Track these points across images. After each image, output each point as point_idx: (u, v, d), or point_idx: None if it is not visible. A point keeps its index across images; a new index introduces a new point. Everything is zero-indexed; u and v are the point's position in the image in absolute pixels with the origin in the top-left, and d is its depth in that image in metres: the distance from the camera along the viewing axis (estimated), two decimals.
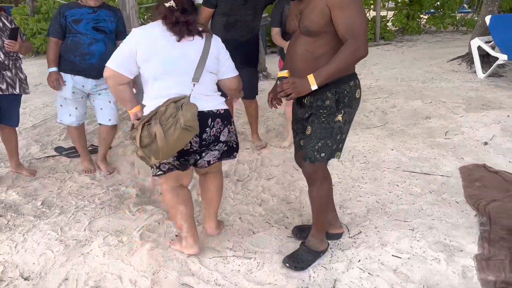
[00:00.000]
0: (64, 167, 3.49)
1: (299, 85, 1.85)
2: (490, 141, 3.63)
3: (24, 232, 2.56)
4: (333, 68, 1.82)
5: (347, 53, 1.80)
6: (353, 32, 1.80)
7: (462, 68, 6.24)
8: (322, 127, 2.00)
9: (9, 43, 2.84)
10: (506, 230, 2.40)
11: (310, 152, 2.04)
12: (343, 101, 1.99)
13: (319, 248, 2.24)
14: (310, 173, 2.10)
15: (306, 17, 1.90)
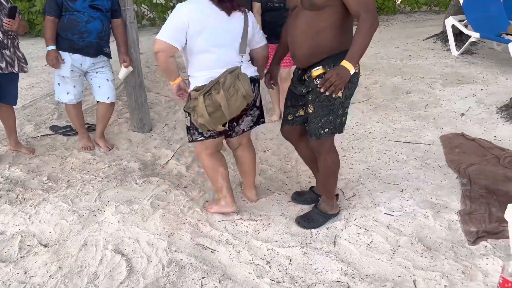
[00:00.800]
0: (62, 144, 3.55)
1: (341, 73, 1.87)
2: (466, 112, 3.91)
3: (35, 204, 2.65)
4: (360, 46, 1.88)
5: (367, 29, 1.86)
6: (365, 5, 1.88)
7: (437, 46, 6.52)
8: (324, 105, 2.10)
9: (8, 21, 2.86)
10: (484, 189, 2.67)
11: (314, 129, 2.16)
12: None
13: (329, 212, 2.42)
14: (316, 147, 2.25)
15: None
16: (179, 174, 3.01)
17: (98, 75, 3.31)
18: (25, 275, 2.07)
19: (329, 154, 2.26)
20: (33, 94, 4.88)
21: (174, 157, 3.28)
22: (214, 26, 2.14)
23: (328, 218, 2.42)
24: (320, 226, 2.38)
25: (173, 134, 3.74)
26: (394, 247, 2.20)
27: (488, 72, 5.07)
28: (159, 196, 2.72)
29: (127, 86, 3.69)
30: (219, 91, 2.09)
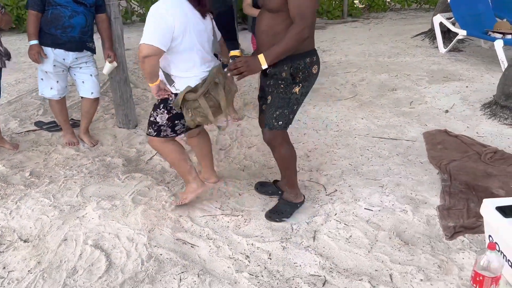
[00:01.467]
0: (46, 140, 3.54)
1: (251, 64, 2.00)
2: (450, 109, 3.95)
3: (16, 200, 2.64)
4: (281, 48, 1.97)
5: (293, 34, 1.95)
6: (301, 13, 1.94)
7: (425, 44, 6.57)
8: (280, 97, 2.18)
9: None
10: (464, 185, 2.70)
11: (269, 119, 2.22)
12: (298, 75, 2.14)
13: (294, 200, 2.48)
14: (269, 139, 2.28)
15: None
16: (163, 170, 3.02)
17: (81, 71, 3.29)
18: (4, 270, 2.07)
19: (282, 146, 2.31)
20: (19, 89, 4.85)
21: (158, 153, 3.28)
22: (196, 26, 2.17)
23: (295, 206, 2.48)
24: (289, 215, 2.43)
25: None
26: (373, 241, 2.23)
27: (474, 70, 5.12)
28: (141, 191, 2.72)
29: (112, 81, 3.67)
30: (218, 91, 2.23)
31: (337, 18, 9.32)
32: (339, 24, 8.88)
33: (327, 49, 6.58)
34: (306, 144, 3.38)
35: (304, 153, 3.23)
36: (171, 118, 2.31)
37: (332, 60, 5.90)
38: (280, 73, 2.14)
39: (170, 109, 2.29)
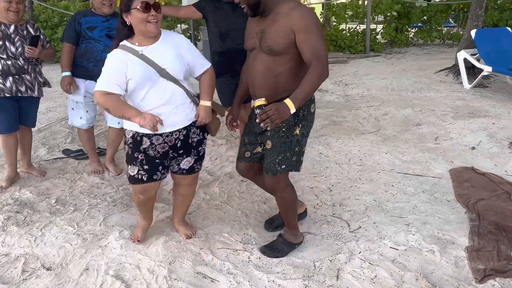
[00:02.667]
0: (73, 168, 3.62)
1: (281, 110, 1.87)
2: (477, 146, 3.87)
3: (41, 227, 2.68)
4: (306, 90, 1.91)
5: (315, 76, 1.91)
6: (317, 55, 1.91)
7: (449, 79, 6.53)
8: (282, 141, 2.13)
9: (28, 49, 2.99)
10: (494, 225, 2.61)
11: (271, 165, 2.17)
12: (299, 115, 2.13)
13: (294, 241, 2.43)
14: (272, 184, 2.24)
15: (269, 37, 2.00)
16: None
17: None
18: None
19: (285, 190, 2.28)
20: (49, 118, 5.01)
21: None
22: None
23: (293, 247, 2.42)
24: (285, 255, 2.38)
25: None
26: (399, 283, 2.15)
27: (500, 106, 5.04)
28: (163, 222, 2.73)
29: None
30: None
31: (359, 52, 9.41)
32: (362, 58, 8.96)
33: (350, 83, 6.61)
34: (329, 178, 3.35)
35: (327, 187, 3.19)
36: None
37: (354, 94, 5.92)
38: None
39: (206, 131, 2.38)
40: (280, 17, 1.99)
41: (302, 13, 1.95)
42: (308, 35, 1.93)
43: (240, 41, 3.51)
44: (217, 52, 3.57)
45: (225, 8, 3.47)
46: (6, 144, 3.16)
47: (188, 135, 2.26)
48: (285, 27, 1.96)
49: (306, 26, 1.93)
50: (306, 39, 1.94)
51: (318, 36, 1.94)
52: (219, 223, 2.71)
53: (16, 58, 3.00)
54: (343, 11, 9.84)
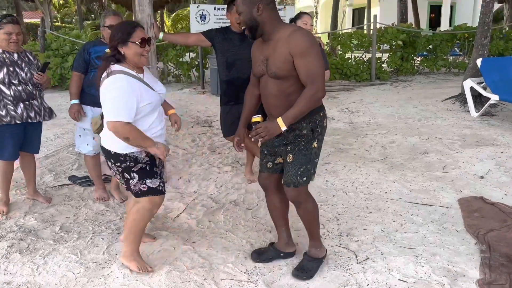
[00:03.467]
0: (78, 195, 3.61)
1: (271, 128, 2.09)
2: (486, 175, 3.82)
3: (44, 255, 2.65)
4: (298, 111, 2.08)
5: (308, 97, 2.07)
6: (311, 77, 2.06)
7: (456, 107, 6.53)
8: (302, 154, 2.24)
9: (38, 75, 3.04)
10: (505, 257, 2.54)
11: (293, 177, 2.26)
12: (315, 129, 2.25)
13: (320, 255, 2.46)
14: (294, 196, 2.32)
15: (273, 64, 2.14)
16: (189, 229, 2.99)
17: None
18: None
19: (308, 201, 2.37)
20: (57, 144, 5.05)
21: (185, 211, 3.28)
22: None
23: (320, 262, 2.46)
24: (316, 272, 2.40)
25: (187, 187, 3.76)
26: None
27: (508, 135, 5.00)
28: (167, 251, 2.69)
29: None
30: None
31: (365, 80, 9.47)
32: (367, 86, 9.01)
33: (356, 110, 6.63)
34: (335, 206, 3.31)
35: (333, 215, 3.15)
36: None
37: (360, 122, 5.92)
38: (300, 130, 2.21)
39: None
40: (280, 43, 2.12)
41: (298, 38, 2.07)
42: (304, 58, 2.06)
43: (246, 71, 3.57)
44: (224, 81, 3.64)
45: (233, 38, 3.55)
46: (6, 171, 3.17)
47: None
48: (285, 54, 2.09)
49: (302, 50, 2.06)
50: (302, 62, 2.07)
51: (313, 58, 2.07)
52: (224, 252, 2.67)
53: (26, 84, 3.06)
54: (349, 40, 9.97)
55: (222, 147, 4.89)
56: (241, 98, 3.60)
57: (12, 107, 3.02)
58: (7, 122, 3.01)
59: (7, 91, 2.99)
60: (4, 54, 3.00)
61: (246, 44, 3.56)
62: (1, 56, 2.99)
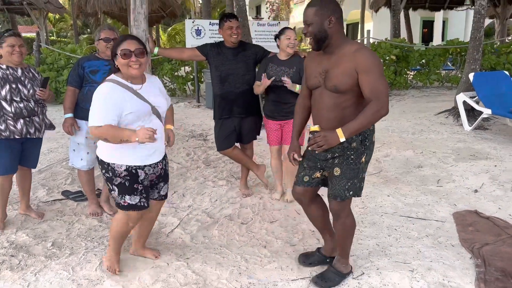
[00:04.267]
0: (71, 210, 3.58)
1: (330, 138, 2.09)
2: (480, 189, 3.83)
3: (36, 272, 2.61)
4: (359, 125, 2.08)
5: (371, 112, 2.07)
6: (376, 94, 2.07)
7: (449, 121, 6.58)
8: (351, 168, 2.25)
9: (40, 91, 3.05)
10: (500, 272, 2.53)
11: (341, 191, 2.28)
12: (364, 143, 2.25)
13: (344, 271, 2.47)
14: (338, 210, 2.34)
15: (335, 77, 2.16)
16: (183, 244, 2.96)
17: None
18: None
19: (348, 217, 2.39)
20: (50, 158, 5.02)
21: (179, 226, 3.25)
22: None
23: (344, 277, 2.47)
24: (336, 285, 2.41)
25: (181, 202, 3.74)
26: None
27: (501, 148, 5.04)
28: (160, 267, 2.65)
29: None
30: None
31: None
32: None
33: None
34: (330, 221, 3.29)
35: None
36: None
37: None
38: (350, 143, 2.21)
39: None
40: (345, 59, 2.14)
41: (365, 55, 2.10)
42: (369, 75, 2.08)
43: (239, 85, 3.60)
44: (218, 95, 3.66)
45: (226, 53, 3.58)
46: (3, 186, 3.13)
47: (166, 164, 2.59)
48: (350, 68, 2.12)
49: (368, 67, 2.09)
50: (367, 79, 2.09)
51: (378, 76, 2.09)
52: (218, 268, 2.64)
53: (28, 101, 3.06)
54: None
55: (217, 161, 4.88)
56: (235, 112, 3.64)
57: (12, 122, 3.00)
58: (5, 136, 2.99)
59: (8, 107, 2.98)
60: (8, 70, 3.01)
61: (239, 59, 3.60)
62: (5, 73, 2.99)
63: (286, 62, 3.49)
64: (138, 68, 2.27)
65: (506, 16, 12.56)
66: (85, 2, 11.97)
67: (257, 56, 3.66)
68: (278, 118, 3.58)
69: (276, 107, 3.56)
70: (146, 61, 2.33)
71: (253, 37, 7.81)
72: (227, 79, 3.57)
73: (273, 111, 3.59)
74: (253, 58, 3.65)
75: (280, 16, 22.98)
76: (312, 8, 2.17)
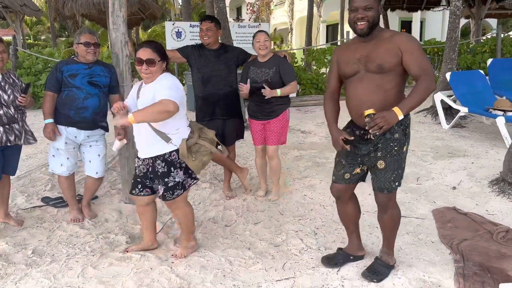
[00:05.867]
0: (51, 216, 3.52)
1: (389, 117, 2.10)
2: (458, 186, 3.92)
3: (16, 280, 2.57)
4: (414, 101, 2.14)
5: (424, 87, 2.13)
6: (425, 70, 2.15)
7: (428, 120, 6.71)
8: (395, 159, 2.29)
9: (21, 98, 2.99)
10: (478, 266, 2.60)
11: (387, 183, 2.33)
12: (405, 132, 2.30)
13: (391, 262, 2.56)
14: (385, 201, 2.40)
15: (378, 57, 2.21)
16: (166, 248, 2.95)
17: (90, 149, 3.37)
18: None
19: (395, 208, 2.46)
20: (29, 164, 4.93)
21: (162, 230, 3.24)
22: None
23: (391, 269, 2.54)
24: (385, 277, 2.47)
25: (163, 206, 3.70)
26: None
27: (478, 146, 5.17)
28: (144, 272, 2.64)
29: (120, 157, 3.74)
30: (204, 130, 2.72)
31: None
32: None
33: None
34: (313, 220, 3.33)
35: (312, 230, 3.17)
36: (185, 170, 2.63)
37: None
38: (392, 134, 2.24)
39: (180, 165, 2.60)
40: (385, 41, 2.23)
41: (406, 37, 2.22)
42: (414, 54, 2.17)
43: (221, 87, 3.61)
44: (200, 97, 3.67)
45: (208, 55, 3.59)
46: None
47: (154, 166, 2.60)
48: (394, 48, 2.19)
49: (412, 46, 2.18)
50: (413, 57, 2.17)
51: (422, 54, 2.19)
52: (202, 271, 2.64)
53: (8, 107, 3.00)
54: (323, 56, 10.18)
55: None
56: (217, 113, 3.64)
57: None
58: None
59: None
60: None
61: (222, 61, 3.61)
62: None
63: (266, 63, 3.54)
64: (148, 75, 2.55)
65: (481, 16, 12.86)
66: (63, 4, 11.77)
67: (238, 59, 3.69)
68: (260, 118, 3.62)
69: (259, 107, 3.59)
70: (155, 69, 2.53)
71: (234, 39, 7.81)
72: (209, 81, 3.58)
73: (256, 111, 3.63)
74: (234, 61, 3.68)
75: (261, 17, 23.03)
76: None
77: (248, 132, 3.83)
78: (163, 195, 2.65)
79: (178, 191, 2.63)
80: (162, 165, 2.58)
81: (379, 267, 2.52)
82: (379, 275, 2.48)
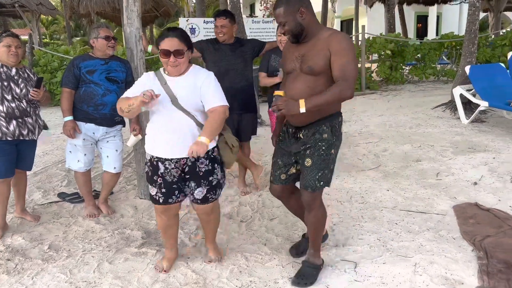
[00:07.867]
0: (67, 212, 3.53)
1: (290, 105, 2.07)
2: (479, 181, 3.81)
3: (33, 275, 2.57)
4: (322, 100, 2.08)
5: (336, 91, 2.07)
6: (344, 75, 2.09)
7: (447, 115, 6.57)
8: (322, 159, 2.26)
9: (33, 92, 2.99)
10: (503, 264, 2.51)
11: (311, 181, 2.27)
12: (335, 134, 2.29)
13: (318, 263, 2.49)
14: (310, 200, 2.33)
15: (310, 59, 2.18)
16: (182, 244, 2.93)
17: (108, 145, 3.36)
18: None
19: (320, 208, 2.40)
20: (46, 161, 4.97)
21: None
22: None
23: (319, 269, 2.48)
24: (316, 280, 2.40)
25: None
26: None
27: (499, 141, 5.03)
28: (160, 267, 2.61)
29: (136, 153, 3.73)
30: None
31: (355, 90, 9.52)
32: (358, 96, 9.05)
33: (347, 119, 6.63)
34: (331, 216, 3.27)
35: (329, 226, 3.10)
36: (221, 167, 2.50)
37: (352, 131, 5.92)
38: (321, 134, 2.23)
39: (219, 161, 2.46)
40: (320, 42, 2.18)
41: (339, 38, 2.15)
42: (341, 57, 2.11)
43: (238, 81, 3.57)
44: None
45: (224, 49, 3.57)
46: (1, 191, 3.07)
47: (195, 164, 2.36)
48: (324, 50, 2.14)
49: (340, 49, 2.11)
50: (338, 60, 2.11)
51: (350, 59, 2.12)
52: (218, 267, 2.61)
53: (20, 100, 3.00)
54: None
55: None
56: (234, 108, 3.60)
57: (5, 124, 2.95)
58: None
59: (0, 106, 2.93)
60: (1, 68, 2.96)
61: (238, 54, 3.58)
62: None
63: None
64: (176, 67, 2.30)
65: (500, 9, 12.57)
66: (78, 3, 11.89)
67: (254, 50, 3.68)
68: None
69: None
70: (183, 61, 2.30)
71: (248, 34, 7.77)
72: (227, 74, 3.55)
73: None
74: (250, 53, 3.67)
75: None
76: (280, 8, 2.19)
77: (263, 128, 3.78)
78: (205, 197, 2.41)
79: (219, 190, 2.49)
80: (206, 163, 2.37)
81: (307, 270, 2.44)
82: (309, 278, 2.40)
